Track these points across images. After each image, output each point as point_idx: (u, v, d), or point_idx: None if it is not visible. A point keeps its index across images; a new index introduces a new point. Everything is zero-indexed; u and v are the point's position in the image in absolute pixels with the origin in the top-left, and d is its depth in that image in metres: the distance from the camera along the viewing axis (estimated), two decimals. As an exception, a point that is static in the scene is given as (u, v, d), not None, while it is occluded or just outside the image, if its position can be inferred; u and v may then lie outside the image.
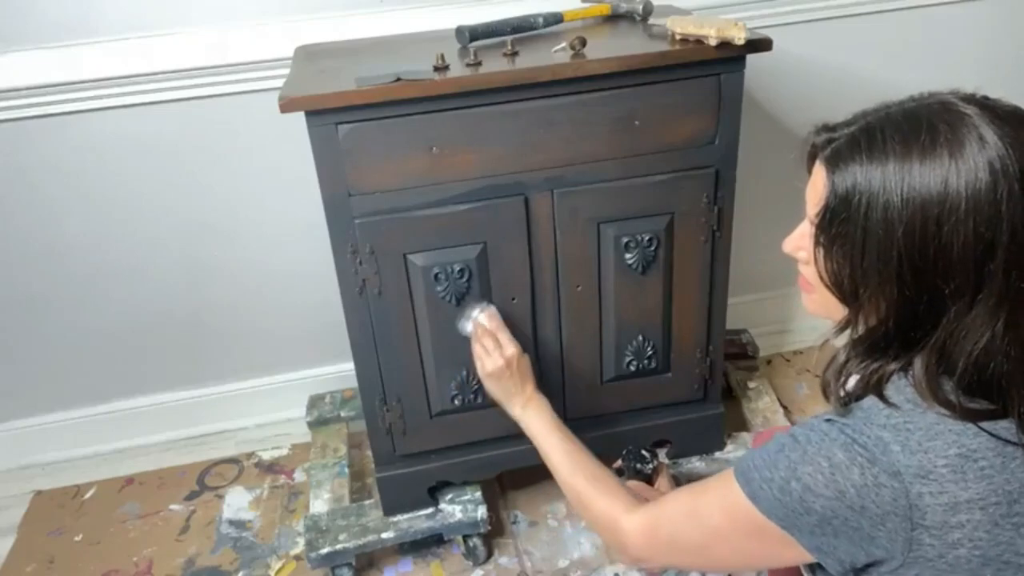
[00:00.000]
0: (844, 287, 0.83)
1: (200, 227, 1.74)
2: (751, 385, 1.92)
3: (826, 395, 0.87)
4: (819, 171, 0.83)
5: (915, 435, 0.77)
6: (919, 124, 0.76)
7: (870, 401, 0.81)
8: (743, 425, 1.82)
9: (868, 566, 0.82)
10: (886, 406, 0.80)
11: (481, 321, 1.36)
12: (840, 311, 0.86)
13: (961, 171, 0.73)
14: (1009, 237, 0.73)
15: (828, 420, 0.83)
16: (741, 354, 1.96)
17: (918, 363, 0.79)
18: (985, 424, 0.77)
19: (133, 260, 1.75)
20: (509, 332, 1.35)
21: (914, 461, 0.76)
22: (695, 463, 1.67)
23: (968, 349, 0.76)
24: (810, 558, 0.84)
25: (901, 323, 0.80)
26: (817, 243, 0.83)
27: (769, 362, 2.12)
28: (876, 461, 0.77)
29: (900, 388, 0.81)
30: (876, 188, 0.76)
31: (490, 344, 1.32)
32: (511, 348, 1.32)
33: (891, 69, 1.88)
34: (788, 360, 2.13)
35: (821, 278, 0.85)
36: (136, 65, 1.56)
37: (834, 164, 0.80)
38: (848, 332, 0.86)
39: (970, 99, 0.77)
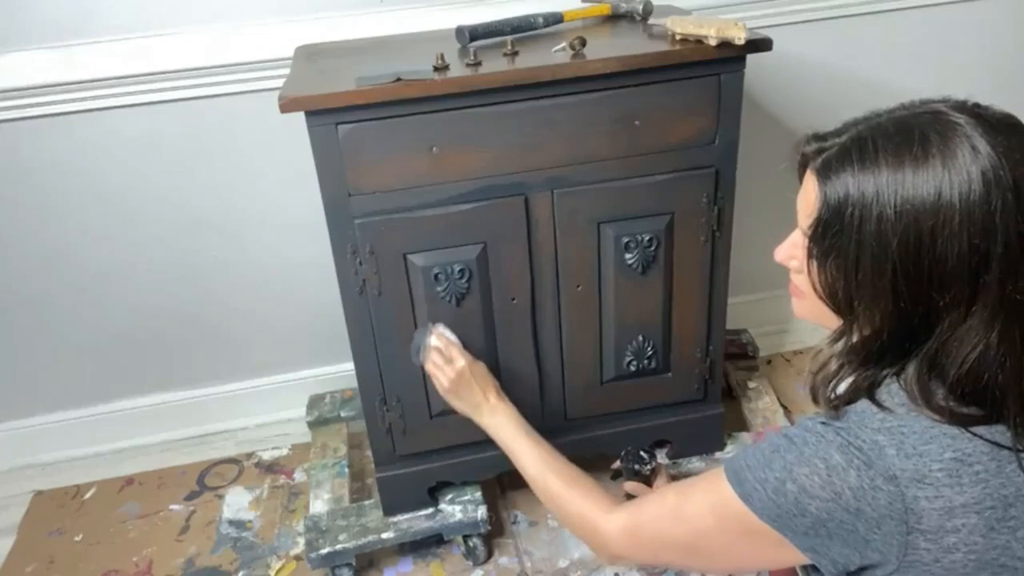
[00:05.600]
0: (839, 299, 0.82)
1: (200, 227, 1.74)
2: (751, 385, 1.92)
3: (815, 400, 0.86)
4: (810, 181, 0.82)
5: (910, 439, 0.77)
6: (911, 134, 0.75)
7: (863, 404, 0.81)
8: (743, 425, 1.82)
9: (862, 569, 0.82)
10: (879, 410, 0.79)
11: (430, 343, 1.35)
12: (831, 318, 0.86)
13: (954, 182, 0.72)
14: (1003, 248, 0.73)
15: (823, 423, 0.82)
16: (741, 354, 1.96)
17: (911, 369, 0.79)
18: (979, 429, 0.76)
19: (133, 260, 1.75)
20: (460, 346, 1.35)
21: (909, 465, 0.76)
22: (695, 463, 1.67)
23: (962, 359, 0.76)
24: (802, 560, 0.84)
25: (896, 333, 0.79)
26: (810, 255, 0.83)
27: (769, 362, 2.12)
28: (872, 464, 0.77)
29: (893, 392, 0.80)
30: (869, 200, 0.75)
31: (440, 360, 1.33)
32: (460, 360, 1.32)
33: (891, 69, 1.88)
34: (788, 360, 2.13)
35: (815, 289, 0.84)
36: (136, 65, 1.56)
37: (825, 175, 0.79)
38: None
39: (961, 107, 0.77)
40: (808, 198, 0.82)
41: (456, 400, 1.34)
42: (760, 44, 1.28)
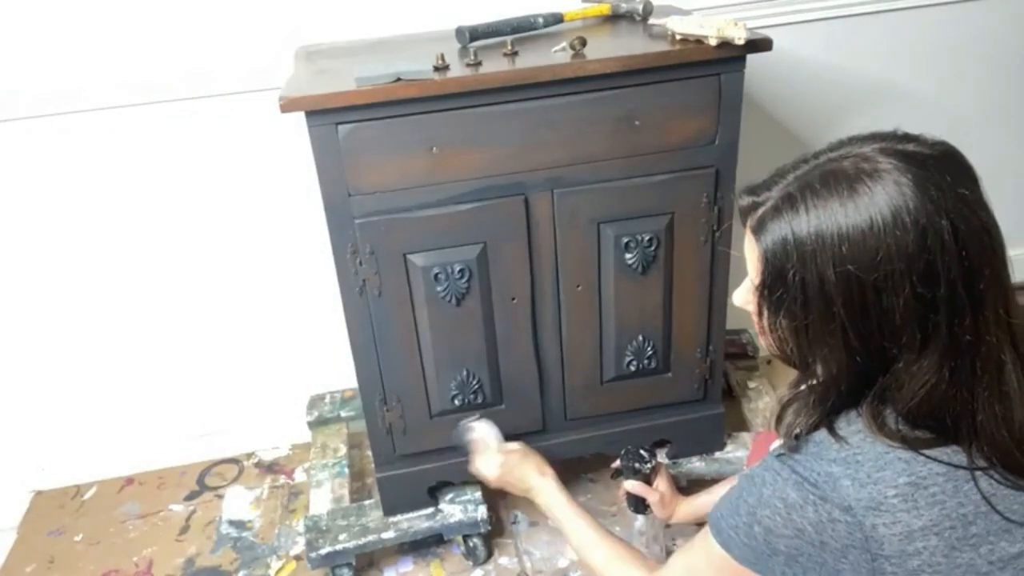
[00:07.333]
0: (793, 356, 0.83)
1: (199, 227, 1.74)
2: (751, 385, 1.92)
3: (777, 433, 0.87)
4: (750, 239, 0.82)
5: (865, 467, 0.77)
6: (839, 188, 0.75)
7: (821, 435, 0.81)
8: (743, 425, 1.82)
9: None
10: (835, 440, 0.80)
11: (477, 439, 1.43)
12: None
13: (890, 234, 0.72)
14: (948, 290, 0.72)
15: (780, 456, 0.83)
16: (741, 354, 1.96)
17: (865, 402, 0.80)
18: (934, 451, 0.77)
19: (131, 259, 1.75)
20: (499, 437, 1.43)
21: (864, 494, 0.76)
22: (695, 463, 1.67)
23: (913, 392, 0.76)
24: None
25: (853, 380, 0.80)
26: (762, 312, 0.84)
27: (769, 362, 2.11)
28: (827, 498, 0.77)
29: (851, 420, 0.81)
30: (807, 261, 0.76)
31: (486, 457, 1.41)
32: (500, 457, 1.38)
33: (891, 69, 1.88)
34: (788, 360, 2.13)
35: (770, 348, 0.85)
36: (135, 65, 1.56)
37: (761, 235, 0.80)
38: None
39: (890, 149, 0.75)
40: (751, 255, 0.83)
41: (508, 488, 1.39)
42: (760, 44, 1.29)
